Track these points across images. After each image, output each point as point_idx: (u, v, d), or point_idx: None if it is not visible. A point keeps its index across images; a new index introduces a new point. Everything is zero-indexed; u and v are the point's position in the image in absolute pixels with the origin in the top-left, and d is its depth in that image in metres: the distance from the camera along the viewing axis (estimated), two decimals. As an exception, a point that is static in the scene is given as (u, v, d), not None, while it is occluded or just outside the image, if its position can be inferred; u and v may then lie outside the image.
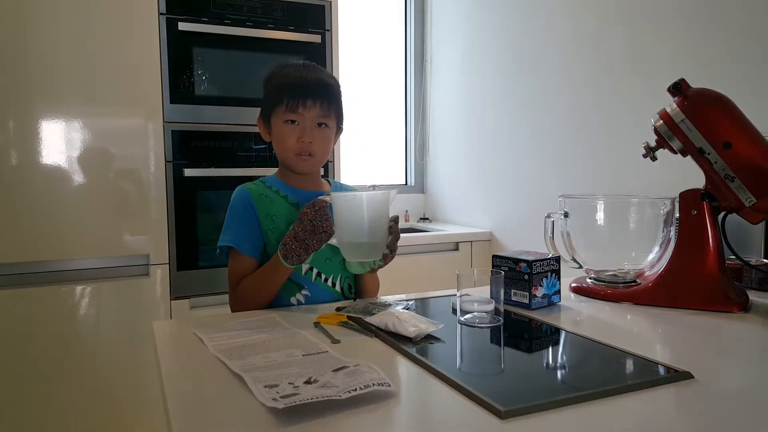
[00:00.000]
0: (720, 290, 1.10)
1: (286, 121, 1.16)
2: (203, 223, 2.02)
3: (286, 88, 1.16)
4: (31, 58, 1.77)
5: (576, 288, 1.27)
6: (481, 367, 0.82)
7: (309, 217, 1.06)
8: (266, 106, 1.21)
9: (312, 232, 1.06)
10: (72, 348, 1.84)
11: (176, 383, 0.75)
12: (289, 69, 1.20)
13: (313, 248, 1.08)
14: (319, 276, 1.20)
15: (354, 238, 1.06)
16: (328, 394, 0.63)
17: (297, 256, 1.07)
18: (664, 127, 1.16)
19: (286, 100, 1.15)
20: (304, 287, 1.19)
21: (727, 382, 0.75)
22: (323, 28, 2.21)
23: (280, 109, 1.16)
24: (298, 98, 1.14)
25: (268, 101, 1.20)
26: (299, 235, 1.07)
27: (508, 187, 2.51)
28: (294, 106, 1.15)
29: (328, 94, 1.18)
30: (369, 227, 1.04)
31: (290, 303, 1.19)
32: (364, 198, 1.04)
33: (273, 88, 1.19)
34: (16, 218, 1.77)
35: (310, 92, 1.15)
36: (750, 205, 1.09)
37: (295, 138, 1.16)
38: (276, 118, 1.18)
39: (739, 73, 1.56)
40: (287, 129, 1.17)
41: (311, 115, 1.16)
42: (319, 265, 1.20)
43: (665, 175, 1.51)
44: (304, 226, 1.06)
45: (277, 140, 1.20)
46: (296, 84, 1.16)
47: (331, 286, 1.22)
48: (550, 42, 2.23)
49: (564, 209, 1.28)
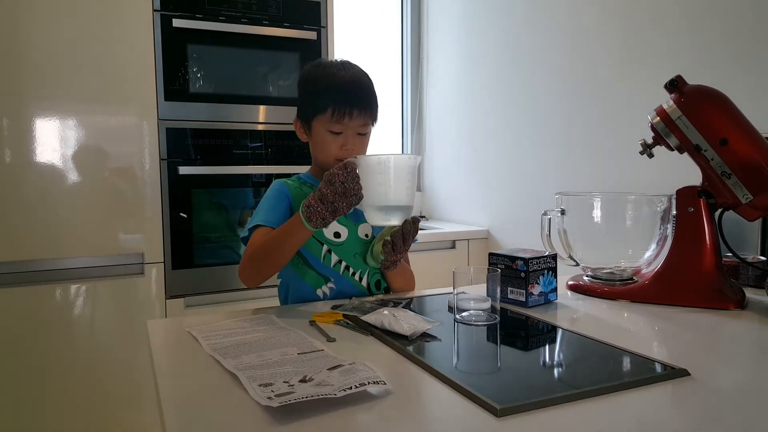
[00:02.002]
0: (716, 287, 1.10)
1: (330, 131, 1.16)
2: (198, 221, 2.01)
3: (332, 97, 1.14)
4: (24, 56, 1.76)
5: (573, 286, 1.27)
6: (478, 365, 0.82)
7: (340, 179, 1.02)
8: (307, 110, 1.19)
9: (343, 194, 1.02)
10: (67, 347, 1.83)
11: (170, 382, 0.74)
12: (332, 70, 1.18)
13: (341, 211, 1.03)
14: (347, 269, 1.21)
15: (380, 202, 1.03)
16: (323, 393, 0.63)
17: (322, 218, 1.02)
18: (660, 124, 1.16)
19: (333, 110, 1.14)
20: (330, 279, 1.19)
21: (723, 379, 0.74)
22: (319, 25, 2.20)
23: (324, 117, 1.15)
24: (344, 109, 1.14)
25: (309, 104, 1.18)
26: (327, 198, 1.02)
27: (505, 186, 2.50)
28: (340, 117, 1.14)
29: (371, 102, 1.19)
30: (395, 190, 1.02)
31: (316, 295, 1.19)
32: (392, 160, 1.02)
33: (316, 93, 1.17)
34: (10, 217, 1.76)
35: (356, 102, 1.15)
36: (746, 202, 1.09)
37: (337, 146, 1.16)
38: (319, 124, 1.17)
39: (737, 70, 1.56)
40: (330, 137, 1.16)
41: (355, 125, 1.16)
42: (348, 259, 1.21)
43: (662, 172, 1.51)
44: (334, 188, 1.02)
45: (318, 145, 1.19)
46: (342, 92, 1.15)
47: (358, 281, 1.22)
48: (548, 39, 2.22)
49: (561, 206, 1.27)
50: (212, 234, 2.03)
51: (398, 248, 1.16)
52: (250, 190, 2.11)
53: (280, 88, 2.15)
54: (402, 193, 1.03)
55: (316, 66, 1.21)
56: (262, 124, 2.11)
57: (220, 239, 2.05)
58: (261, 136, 2.11)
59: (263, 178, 2.10)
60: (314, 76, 1.19)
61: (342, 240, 1.21)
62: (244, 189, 2.10)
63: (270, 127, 2.12)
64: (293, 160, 2.14)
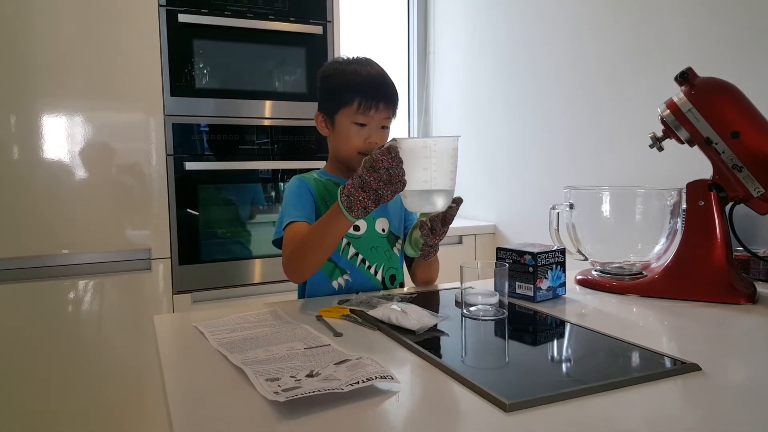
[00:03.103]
0: (727, 282, 1.09)
1: (355, 123, 1.16)
2: (205, 216, 2.01)
3: (359, 89, 1.15)
4: (31, 53, 1.76)
5: (581, 280, 1.26)
6: (486, 360, 0.81)
7: (385, 165, 0.95)
8: (331, 103, 1.19)
9: (388, 182, 0.96)
10: (74, 342, 1.84)
11: (177, 377, 0.74)
12: (355, 67, 1.19)
13: (385, 199, 0.98)
14: (363, 263, 1.21)
15: (423, 186, 0.99)
16: (330, 387, 0.62)
17: (364, 207, 0.98)
18: (671, 117, 1.14)
19: (359, 101, 1.15)
20: (347, 272, 1.20)
21: (734, 374, 0.74)
22: (325, 20, 2.19)
23: (349, 110, 1.16)
24: (371, 101, 1.15)
25: (334, 97, 1.18)
26: (369, 185, 0.96)
27: (512, 180, 2.49)
28: (366, 109, 1.15)
29: (395, 96, 1.20)
30: (440, 174, 0.98)
31: (332, 287, 1.19)
32: (439, 142, 0.97)
33: (343, 85, 1.17)
34: (18, 213, 1.77)
35: (382, 95, 1.16)
36: (758, 195, 1.08)
37: (362, 139, 1.17)
38: (344, 117, 1.17)
39: (748, 62, 1.53)
40: (355, 129, 1.17)
41: (379, 118, 1.17)
42: (365, 252, 1.21)
43: (672, 165, 1.50)
44: (378, 175, 0.96)
45: (341, 138, 1.19)
46: (369, 85, 1.16)
47: (373, 275, 1.22)
48: (556, 31, 2.20)
49: (569, 201, 1.26)
50: (219, 229, 2.03)
51: (437, 231, 1.14)
52: (257, 186, 2.10)
53: (286, 83, 2.15)
54: (447, 176, 0.99)
55: (339, 62, 1.22)
56: (269, 119, 2.10)
57: (226, 235, 2.05)
58: (267, 131, 2.10)
59: (269, 173, 2.10)
60: (340, 70, 1.20)
61: (361, 233, 1.21)
62: (251, 184, 2.10)
63: (276, 122, 2.11)
64: (299, 156, 2.13)
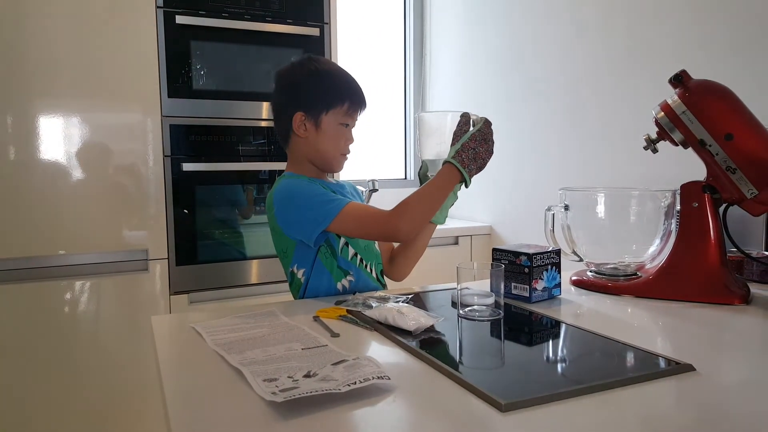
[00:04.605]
0: (721, 283, 1.10)
1: (341, 123, 1.19)
2: (202, 217, 2.01)
3: (347, 91, 1.18)
4: (27, 53, 1.76)
5: (576, 281, 1.27)
6: (482, 361, 0.82)
7: (492, 137, 1.10)
8: (318, 103, 1.17)
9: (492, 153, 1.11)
10: (71, 343, 1.83)
11: (175, 377, 0.75)
12: (335, 66, 1.23)
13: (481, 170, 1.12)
14: (362, 262, 1.22)
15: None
16: (328, 388, 0.63)
17: (470, 178, 1.11)
18: (665, 119, 1.15)
19: (349, 103, 1.17)
20: (350, 273, 1.20)
21: (728, 374, 0.74)
22: (322, 21, 2.19)
23: (339, 110, 1.17)
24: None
25: (321, 98, 1.17)
26: (481, 155, 1.09)
27: (507, 181, 2.50)
28: (354, 111, 1.19)
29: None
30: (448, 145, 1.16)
31: (336, 288, 1.19)
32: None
33: (334, 87, 1.18)
34: (14, 214, 1.76)
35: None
36: (751, 197, 1.08)
37: (344, 139, 1.21)
38: (332, 117, 1.18)
39: (741, 65, 1.55)
40: (341, 130, 1.19)
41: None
42: (360, 251, 1.22)
43: (666, 167, 1.51)
44: (488, 147, 1.10)
45: (328, 138, 1.18)
46: (354, 86, 1.20)
47: (369, 272, 1.24)
48: (550, 34, 2.21)
49: (564, 202, 1.27)
50: (216, 230, 2.04)
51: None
52: (254, 187, 2.11)
53: (283, 84, 2.15)
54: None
55: (316, 61, 1.21)
56: (266, 120, 2.11)
57: (224, 235, 2.05)
58: (264, 132, 2.10)
59: (267, 174, 2.10)
60: (326, 70, 1.20)
61: None
62: (248, 185, 2.10)
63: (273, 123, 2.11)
64: (296, 157, 2.13)
